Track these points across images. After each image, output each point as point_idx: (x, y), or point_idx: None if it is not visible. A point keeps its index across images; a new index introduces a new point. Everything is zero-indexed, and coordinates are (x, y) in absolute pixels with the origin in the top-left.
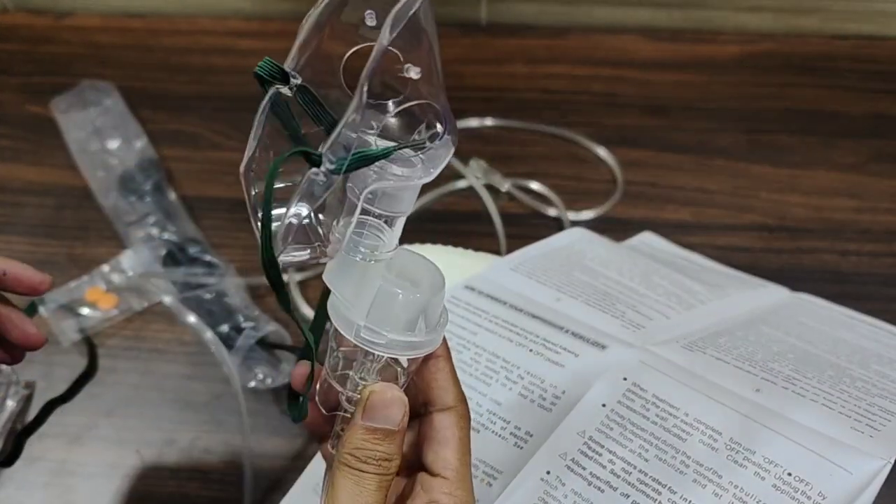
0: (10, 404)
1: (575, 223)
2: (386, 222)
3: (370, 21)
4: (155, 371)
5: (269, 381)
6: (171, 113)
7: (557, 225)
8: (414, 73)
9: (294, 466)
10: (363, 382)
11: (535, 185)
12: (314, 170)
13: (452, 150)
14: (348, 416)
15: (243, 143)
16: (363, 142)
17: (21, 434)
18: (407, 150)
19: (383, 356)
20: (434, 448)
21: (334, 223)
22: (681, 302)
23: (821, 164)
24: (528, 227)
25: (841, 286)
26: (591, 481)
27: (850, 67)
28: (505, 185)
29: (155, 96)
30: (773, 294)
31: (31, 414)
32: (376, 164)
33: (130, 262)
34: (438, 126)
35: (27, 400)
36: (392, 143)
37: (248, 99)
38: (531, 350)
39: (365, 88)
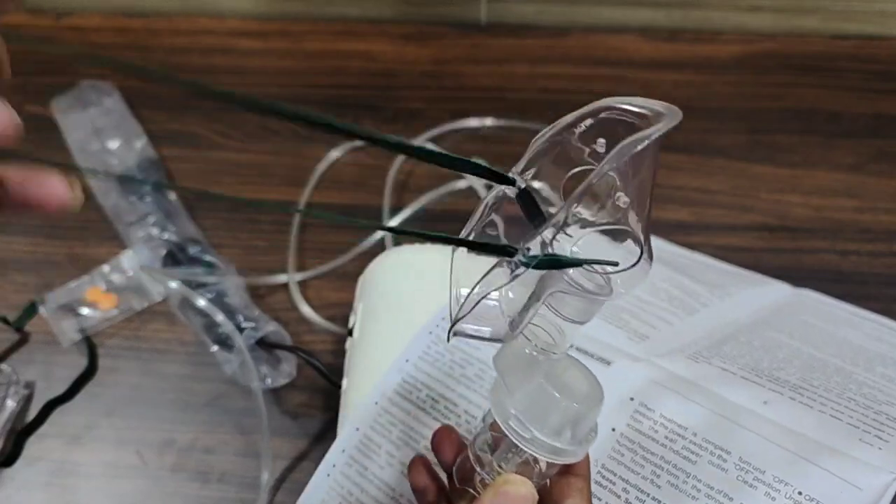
0: (10, 404)
1: None
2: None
3: (600, 148)
4: (155, 371)
5: (268, 381)
6: (170, 113)
7: None
8: (623, 202)
9: (295, 467)
10: (500, 470)
11: (535, 186)
12: (507, 258)
13: (647, 275)
14: (475, 494)
15: (243, 143)
16: (561, 249)
17: (21, 434)
18: (598, 266)
19: (525, 451)
20: None
21: (518, 313)
22: (683, 306)
23: (821, 164)
24: (528, 227)
25: (842, 286)
26: None
27: (851, 67)
28: None
29: (155, 96)
30: (775, 291)
31: (31, 414)
32: (570, 273)
33: (131, 262)
34: (635, 250)
35: (27, 400)
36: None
37: None
38: None
39: (575, 204)
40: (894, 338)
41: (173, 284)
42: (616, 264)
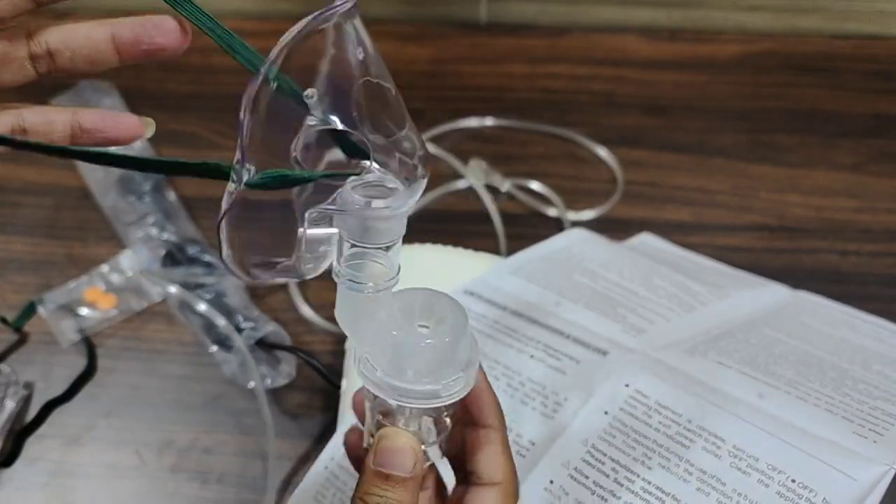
0: (9, 404)
1: (575, 223)
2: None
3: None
4: (154, 371)
5: (268, 381)
6: (169, 113)
7: (557, 225)
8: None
9: (295, 468)
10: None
11: (535, 185)
12: (231, 186)
13: (423, 179)
14: None
15: None
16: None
17: (20, 434)
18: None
19: (406, 407)
20: None
21: (333, 262)
22: (681, 304)
23: (821, 164)
24: (528, 227)
25: (841, 286)
26: (594, 490)
27: (851, 67)
28: (505, 186)
29: (154, 96)
30: (774, 293)
31: (30, 414)
32: (344, 195)
33: (129, 262)
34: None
35: (26, 400)
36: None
37: None
38: (532, 356)
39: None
40: (893, 338)
41: (172, 289)
42: (356, 173)
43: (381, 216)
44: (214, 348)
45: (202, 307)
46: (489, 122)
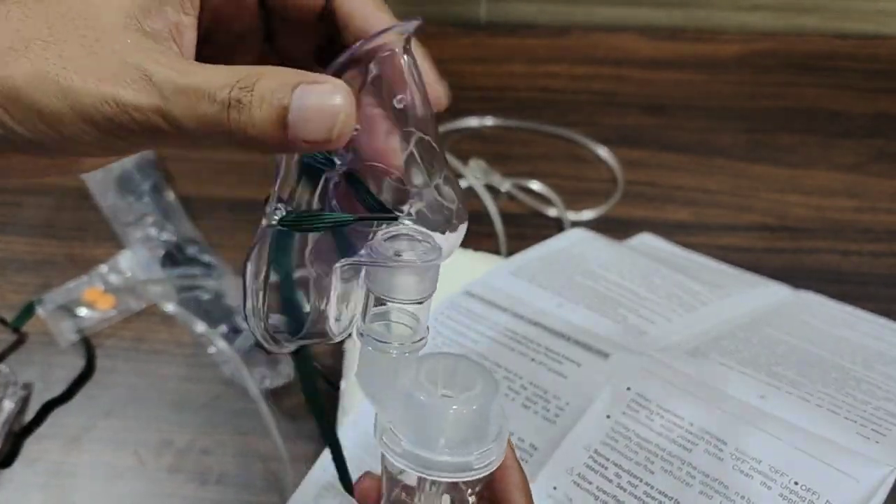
0: (8, 405)
1: (575, 223)
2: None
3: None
4: (153, 372)
5: (267, 381)
6: None
7: (557, 225)
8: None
9: (293, 469)
10: None
11: (535, 185)
12: (263, 222)
13: (464, 224)
14: None
15: None
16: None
17: (19, 435)
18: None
19: (439, 481)
20: None
21: (356, 318)
22: (682, 304)
23: (821, 164)
24: (528, 227)
25: (842, 286)
26: (598, 496)
27: (851, 66)
28: (505, 185)
29: None
30: (775, 292)
31: (29, 415)
32: (374, 246)
33: (129, 262)
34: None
35: (25, 401)
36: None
37: None
38: (533, 359)
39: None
40: (894, 337)
41: (170, 288)
42: (394, 217)
43: (410, 269)
44: (213, 349)
45: (199, 304)
46: (489, 121)
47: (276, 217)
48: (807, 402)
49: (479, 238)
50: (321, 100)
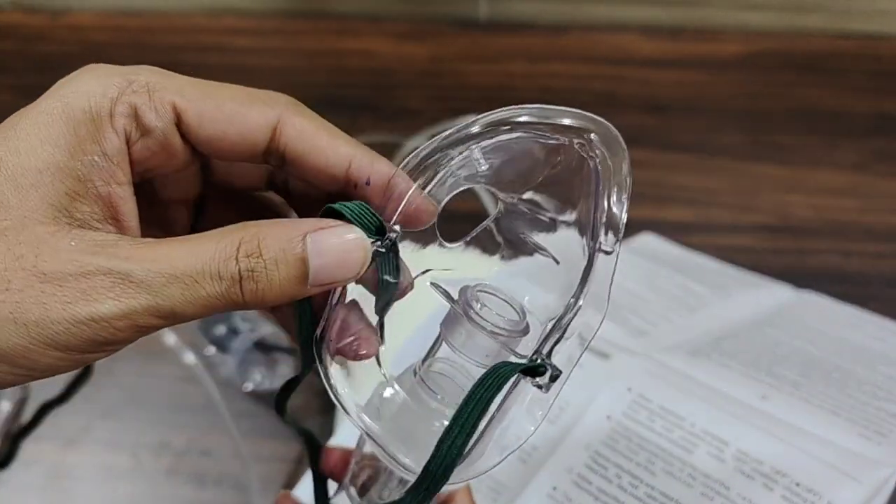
0: (6, 406)
1: None
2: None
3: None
4: (151, 373)
5: (266, 383)
6: None
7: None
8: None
9: (292, 470)
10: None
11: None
12: (529, 380)
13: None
14: None
15: None
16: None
17: (16, 436)
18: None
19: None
20: None
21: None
22: (684, 305)
23: (824, 164)
24: None
25: (844, 287)
26: (598, 496)
27: (854, 66)
28: None
29: None
30: (777, 293)
31: (27, 416)
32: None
33: None
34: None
35: (22, 402)
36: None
37: None
38: None
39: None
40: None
41: None
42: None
43: (492, 334)
44: (211, 350)
45: None
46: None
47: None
48: (808, 402)
49: None
50: (340, 242)
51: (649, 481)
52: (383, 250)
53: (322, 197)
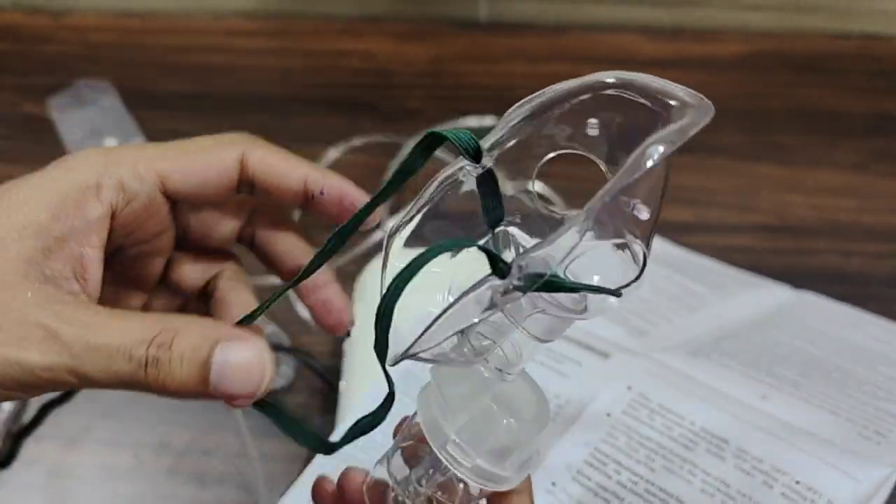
0: (7, 405)
1: None
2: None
3: (592, 130)
4: None
5: None
6: (168, 112)
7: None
8: (645, 213)
9: (294, 469)
10: (418, 488)
11: (535, 186)
12: (496, 281)
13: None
14: None
15: None
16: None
17: (17, 436)
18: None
19: (457, 476)
20: None
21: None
22: (683, 305)
23: (824, 164)
24: None
25: (844, 287)
26: (597, 492)
27: (853, 66)
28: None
29: (152, 96)
30: (777, 293)
31: (28, 415)
32: (558, 295)
33: None
34: (634, 266)
35: (23, 401)
36: (584, 283)
37: (246, 98)
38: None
39: (591, 219)
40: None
41: None
42: (619, 294)
43: (562, 314)
44: None
45: None
46: (489, 121)
47: (517, 276)
48: (808, 402)
49: None
50: (244, 359)
51: (649, 478)
52: (480, 173)
53: (285, 247)
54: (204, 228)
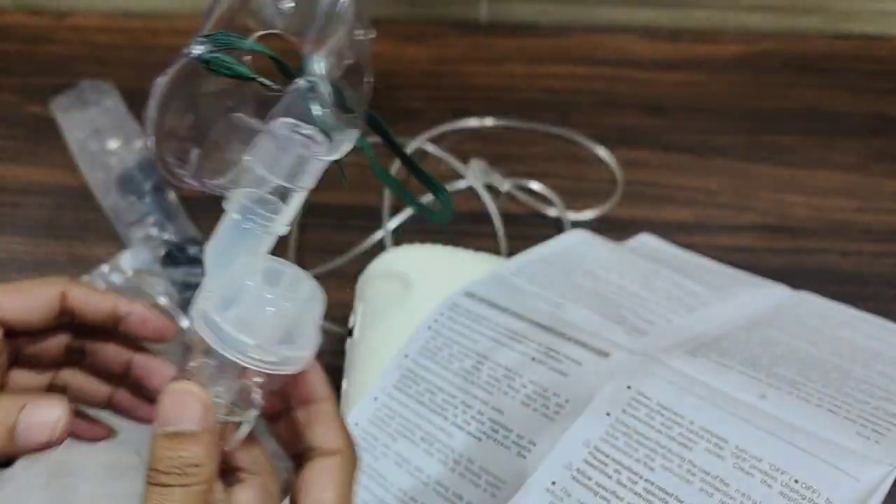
0: None
1: (575, 223)
2: (282, 198)
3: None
4: None
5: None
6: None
7: (557, 225)
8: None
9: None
10: (219, 401)
11: (535, 186)
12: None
13: (356, 132)
14: None
15: None
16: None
17: None
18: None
19: (230, 360)
20: (311, 495)
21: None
22: (682, 305)
23: (822, 164)
24: (528, 227)
25: (842, 287)
26: (597, 491)
27: (852, 67)
28: (505, 186)
29: None
30: (775, 293)
31: None
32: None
33: (130, 262)
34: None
35: None
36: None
37: None
38: (533, 359)
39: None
40: (894, 338)
41: (170, 286)
42: (311, 87)
43: (299, 147)
44: None
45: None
46: (489, 122)
47: (200, 51)
48: (807, 402)
49: (479, 238)
50: (43, 415)
51: (648, 477)
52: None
53: (105, 358)
54: (33, 348)
